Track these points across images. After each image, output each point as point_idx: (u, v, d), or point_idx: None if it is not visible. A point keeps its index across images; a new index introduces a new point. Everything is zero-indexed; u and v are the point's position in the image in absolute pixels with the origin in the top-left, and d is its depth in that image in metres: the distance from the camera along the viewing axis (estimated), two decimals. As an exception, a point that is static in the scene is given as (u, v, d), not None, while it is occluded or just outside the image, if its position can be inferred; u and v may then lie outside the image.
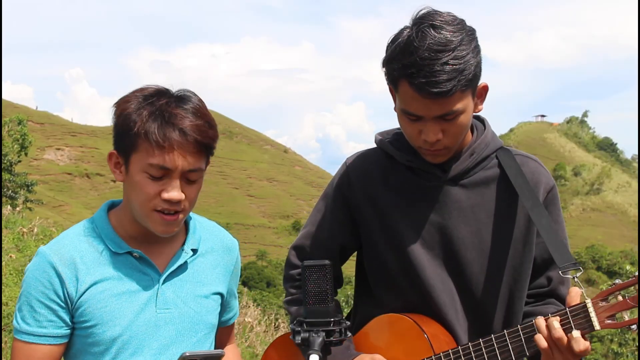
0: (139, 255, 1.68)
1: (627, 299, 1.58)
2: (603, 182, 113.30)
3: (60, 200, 68.74)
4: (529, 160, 1.85)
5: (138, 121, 1.60)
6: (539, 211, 1.77)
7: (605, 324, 1.58)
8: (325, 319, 1.38)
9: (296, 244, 2.00)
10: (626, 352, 24.10)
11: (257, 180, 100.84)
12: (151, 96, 1.64)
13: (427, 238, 1.82)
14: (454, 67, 1.60)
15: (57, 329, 1.64)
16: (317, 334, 1.37)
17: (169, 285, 1.70)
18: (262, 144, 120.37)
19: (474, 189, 1.81)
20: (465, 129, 1.72)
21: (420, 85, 1.60)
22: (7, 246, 9.92)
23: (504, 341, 1.69)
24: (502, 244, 1.80)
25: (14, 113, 31.98)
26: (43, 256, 1.65)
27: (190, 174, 1.62)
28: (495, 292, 1.82)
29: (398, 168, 1.86)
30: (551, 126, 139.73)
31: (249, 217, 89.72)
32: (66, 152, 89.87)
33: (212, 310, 1.78)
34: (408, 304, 1.84)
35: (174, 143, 1.58)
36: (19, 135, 24.46)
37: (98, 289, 1.64)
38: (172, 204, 1.61)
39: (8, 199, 21.32)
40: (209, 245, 1.82)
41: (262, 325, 10.06)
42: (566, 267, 1.70)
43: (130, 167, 1.63)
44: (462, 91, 1.63)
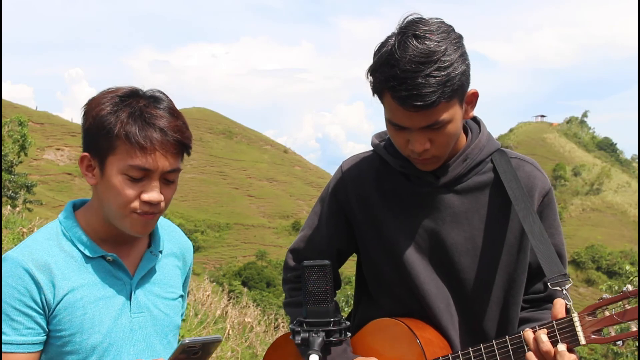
0: (113, 259, 1.65)
1: (613, 315, 1.56)
2: (603, 182, 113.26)
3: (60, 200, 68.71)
4: (525, 163, 1.83)
5: (117, 123, 1.56)
6: (532, 219, 1.75)
7: (590, 339, 1.58)
8: (325, 319, 1.38)
9: (293, 247, 2.01)
10: (626, 352, 24.12)
11: (256, 180, 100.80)
12: (127, 97, 1.61)
13: (420, 244, 1.81)
14: (437, 78, 1.57)
15: (36, 335, 1.58)
16: (317, 334, 1.37)
17: (141, 289, 1.69)
18: (261, 144, 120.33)
19: (467, 195, 1.79)
20: (454, 137, 1.70)
21: (403, 99, 1.58)
22: (7, 246, 9.91)
23: (492, 351, 1.69)
24: (496, 250, 1.79)
25: (14, 113, 31.98)
26: (16, 262, 1.58)
27: (169, 174, 1.61)
28: (490, 297, 1.81)
29: (392, 173, 1.85)
30: (551, 126, 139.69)
31: (248, 217, 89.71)
32: (66, 152, 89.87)
33: (178, 312, 1.79)
34: (405, 308, 1.84)
35: (155, 144, 1.56)
36: (19, 136, 24.45)
37: (76, 296, 1.60)
38: (151, 205, 1.59)
39: (8, 199, 21.31)
40: (169, 247, 1.81)
41: (262, 325, 10.05)
42: (555, 279, 1.69)
43: (106, 170, 1.59)
44: (447, 101, 1.60)
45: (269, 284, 58.74)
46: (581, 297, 69.79)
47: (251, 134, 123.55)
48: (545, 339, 1.58)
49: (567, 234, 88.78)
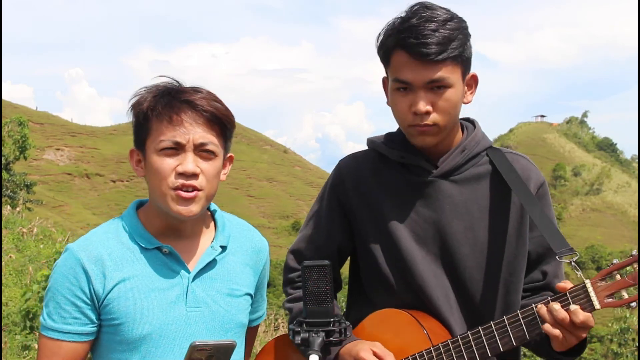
0: (169, 251, 1.67)
1: (625, 278, 1.61)
2: (603, 183, 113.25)
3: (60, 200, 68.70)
4: (519, 157, 1.89)
5: (146, 104, 1.62)
6: (533, 202, 1.80)
7: (605, 302, 1.62)
8: (325, 319, 1.39)
9: (294, 247, 2.01)
10: (626, 353, 24.09)
11: (256, 180, 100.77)
12: (157, 86, 1.68)
13: (420, 233, 1.84)
14: (445, 34, 1.70)
15: (82, 326, 1.63)
16: (317, 334, 1.37)
17: (199, 283, 1.69)
18: (261, 144, 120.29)
19: (465, 185, 1.84)
20: (454, 108, 1.76)
21: (412, 46, 1.69)
22: (7, 246, 9.91)
23: (503, 327, 1.70)
24: (496, 239, 1.83)
25: (14, 113, 31.96)
26: (71, 253, 1.65)
27: (204, 147, 1.62)
28: (490, 286, 1.83)
29: (390, 166, 1.89)
30: (551, 126, 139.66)
31: (248, 217, 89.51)
32: (66, 153, 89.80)
33: (243, 310, 1.77)
34: (401, 303, 1.85)
35: (182, 115, 1.60)
36: (19, 137, 24.41)
37: (127, 286, 1.63)
38: (187, 177, 1.60)
39: (8, 198, 21.30)
40: (239, 244, 1.80)
41: (262, 325, 10.04)
42: (562, 253, 1.73)
43: (147, 154, 1.63)
44: (452, 62, 1.72)
45: (269, 284, 58.45)
46: (581, 297, 69.56)
47: (251, 134, 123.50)
48: (558, 307, 1.62)
49: (567, 234, 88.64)
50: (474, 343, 1.72)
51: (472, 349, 1.72)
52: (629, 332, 24.34)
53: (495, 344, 1.70)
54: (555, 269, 1.86)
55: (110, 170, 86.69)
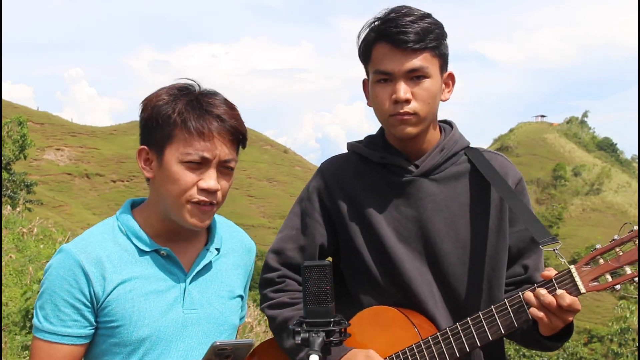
0: (167, 254, 1.66)
1: (608, 261, 1.65)
2: (603, 183, 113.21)
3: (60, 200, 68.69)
4: (497, 156, 1.96)
5: (175, 112, 1.58)
6: (512, 196, 1.85)
7: (590, 286, 1.67)
8: (325, 319, 1.39)
9: (275, 247, 2.00)
10: (626, 353, 24.10)
11: (257, 180, 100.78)
12: (182, 89, 1.64)
13: (403, 232, 1.88)
14: (423, 25, 1.81)
15: (81, 328, 1.61)
16: (317, 334, 1.37)
17: (195, 285, 1.69)
18: (261, 144, 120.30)
19: (446, 183, 1.89)
20: (433, 99, 1.83)
21: (393, 35, 1.78)
22: (7, 246, 9.92)
23: (491, 316, 1.73)
24: (477, 235, 1.87)
25: (14, 113, 31.95)
26: (69, 254, 1.61)
27: (226, 164, 1.62)
28: (474, 281, 1.87)
29: (371, 167, 1.94)
30: (551, 126, 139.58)
31: (248, 217, 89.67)
32: (66, 153, 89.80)
33: (235, 312, 1.78)
34: (388, 301, 1.88)
35: (213, 131, 1.58)
36: (18, 137, 24.42)
37: (125, 288, 1.61)
38: (208, 194, 1.60)
39: (8, 198, 21.30)
40: (230, 246, 1.81)
41: (262, 325, 10.04)
42: (546, 242, 1.77)
43: (164, 159, 1.60)
44: (430, 53, 1.81)
45: (269, 284, 58.65)
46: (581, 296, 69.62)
47: (251, 134, 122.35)
48: (544, 292, 1.67)
49: (567, 234, 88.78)
50: (463, 334, 1.75)
51: (462, 339, 1.75)
52: (629, 332, 24.35)
53: (484, 334, 1.73)
54: (536, 263, 1.92)
55: (110, 170, 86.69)
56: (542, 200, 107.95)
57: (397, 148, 1.92)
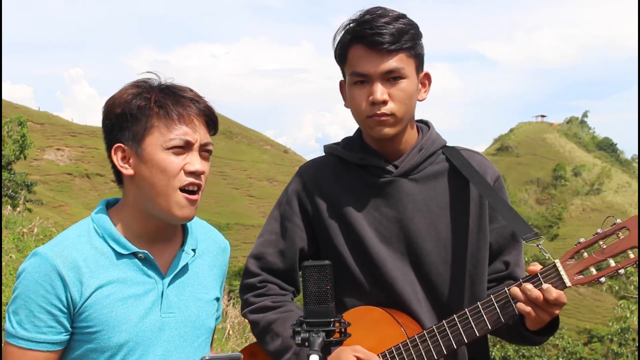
0: (144, 257, 1.63)
1: (592, 255, 1.67)
2: (603, 183, 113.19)
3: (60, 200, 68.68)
4: (474, 154, 1.97)
5: (151, 101, 1.58)
6: (492, 192, 1.87)
7: (575, 279, 1.69)
8: (326, 319, 1.39)
9: (255, 252, 1.99)
10: (626, 353, 24.10)
11: (257, 180, 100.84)
12: (144, 81, 1.63)
13: (384, 232, 1.89)
14: (398, 26, 1.81)
15: (57, 335, 1.56)
16: (317, 334, 1.38)
17: (173, 288, 1.66)
18: (262, 144, 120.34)
19: (425, 183, 1.90)
20: (410, 99, 1.84)
21: (368, 36, 1.79)
22: (7, 246, 9.92)
23: (478, 312, 1.74)
24: (458, 233, 1.89)
25: (14, 113, 31.95)
26: (44, 258, 1.56)
27: (206, 147, 1.63)
28: (456, 280, 1.89)
29: (350, 169, 1.95)
30: (551, 126, 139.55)
31: (249, 217, 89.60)
32: (66, 153, 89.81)
33: (212, 314, 1.76)
34: (372, 301, 1.89)
35: (192, 114, 1.59)
36: (18, 137, 24.43)
37: (103, 293, 1.57)
38: (196, 176, 1.60)
39: (8, 198, 21.30)
40: (205, 246, 1.79)
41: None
42: (528, 237, 1.78)
43: (145, 152, 1.58)
44: (406, 54, 1.82)
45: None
46: (582, 297, 69.74)
47: (251, 134, 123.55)
48: (531, 286, 1.68)
49: (567, 234, 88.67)
50: (449, 331, 1.76)
51: (448, 336, 1.76)
52: (629, 332, 24.34)
53: (471, 330, 1.74)
54: (517, 259, 1.94)
55: (110, 170, 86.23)
56: (542, 200, 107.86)
57: (375, 149, 1.93)
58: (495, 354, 21.63)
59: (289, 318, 1.89)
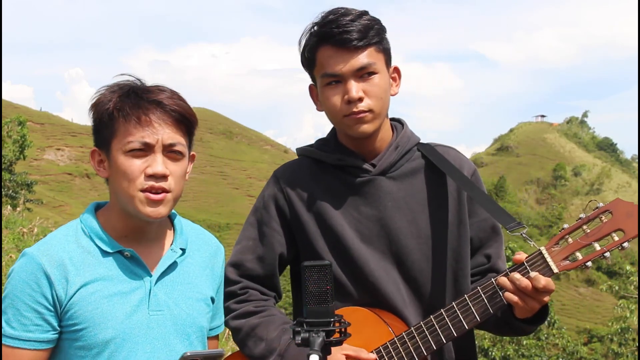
0: (130, 255, 1.64)
1: (577, 240, 1.67)
2: (603, 183, 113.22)
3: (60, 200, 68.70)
4: (449, 149, 1.98)
5: (111, 104, 1.59)
6: (470, 185, 1.87)
7: (562, 265, 1.68)
8: (326, 319, 1.39)
9: (233, 260, 1.97)
10: (626, 352, 24.10)
11: (257, 180, 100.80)
12: (120, 84, 1.65)
13: (365, 232, 1.88)
14: (363, 23, 1.81)
15: (44, 333, 1.57)
16: (317, 334, 1.37)
17: (161, 286, 1.67)
18: (262, 144, 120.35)
19: (403, 180, 1.90)
20: (384, 93, 1.84)
21: (335, 36, 1.78)
22: (7, 246, 9.92)
23: (465, 305, 1.74)
24: (439, 229, 1.89)
25: (14, 113, 31.95)
26: (30, 257, 1.58)
27: (172, 147, 1.60)
28: (439, 275, 1.89)
29: (327, 170, 1.93)
30: (551, 126, 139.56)
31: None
32: (66, 153, 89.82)
33: (203, 313, 1.75)
34: (356, 302, 1.87)
35: (150, 115, 1.57)
36: (18, 137, 24.44)
37: (88, 290, 1.59)
38: (157, 179, 1.58)
39: (8, 198, 21.30)
40: (196, 246, 1.79)
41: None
42: (512, 227, 1.78)
43: (112, 156, 1.60)
44: (374, 49, 1.81)
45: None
46: (581, 297, 69.75)
47: (251, 134, 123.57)
48: (519, 276, 1.68)
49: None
50: (438, 326, 1.75)
51: (437, 332, 1.75)
52: (629, 331, 24.34)
53: (459, 323, 1.74)
54: (498, 251, 1.94)
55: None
56: (542, 200, 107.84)
57: (351, 149, 1.92)
58: (495, 354, 21.62)
59: (271, 322, 1.87)
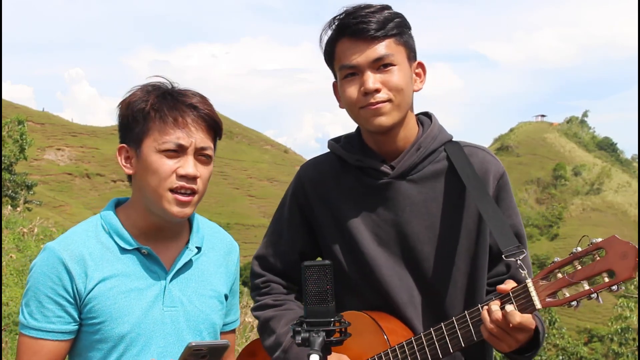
0: (147, 252, 1.69)
1: (565, 276, 1.57)
2: (603, 182, 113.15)
3: (60, 200, 68.70)
4: (477, 150, 1.88)
5: (148, 105, 1.64)
6: (486, 200, 1.79)
7: (545, 302, 1.58)
8: (326, 319, 1.39)
9: (258, 253, 2.02)
10: (626, 352, 24.10)
11: (257, 180, 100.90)
12: (154, 86, 1.70)
13: (382, 236, 1.85)
14: (382, 16, 1.78)
15: (65, 324, 1.64)
16: (317, 334, 1.38)
17: (176, 283, 1.71)
18: (262, 144, 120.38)
19: (424, 184, 1.84)
20: (404, 86, 1.78)
21: (353, 26, 1.76)
22: (8, 246, 9.91)
23: (452, 328, 1.70)
24: (456, 236, 1.83)
25: (14, 113, 31.96)
26: (52, 252, 1.65)
27: (203, 151, 1.66)
28: (454, 284, 1.84)
29: (349, 170, 1.91)
30: (551, 126, 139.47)
31: (249, 217, 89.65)
32: (66, 153, 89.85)
33: (217, 310, 1.79)
34: (367, 304, 1.86)
35: (187, 118, 1.63)
36: (18, 136, 24.43)
37: (107, 286, 1.65)
38: (188, 180, 1.63)
39: (9, 199, 21.30)
40: (212, 245, 1.83)
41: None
42: (509, 251, 1.72)
43: (142, 154, 1.65)
44: (393, 41, 1.77)
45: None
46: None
47: (251, 134, 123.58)
48: (495, 307, 1.60)
49: (568, 233, 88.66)
50: (426, 344, 1.73)
51: (425, 350, 1.72)
52: (629, 331, 24.34)
53: (445, 345, 1.70)
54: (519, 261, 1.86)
55: (110, 170, 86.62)
56: (542, 200, 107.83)
57: (373, 148, 1.88)
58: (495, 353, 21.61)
59: (285, 316, 1.90)
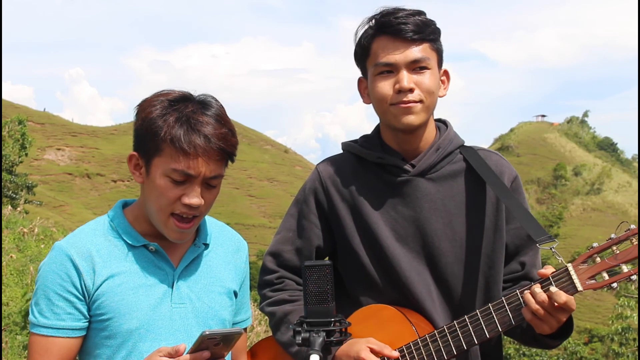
0: (155, 249, 1.70)
1: (605, 260, 1.65)
2: (603, 182, 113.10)
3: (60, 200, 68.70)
4: (491, 154, 1.96)
5: (164, 127, 1.61)
6: (508, 194, 1.86)
7: (587, 284, 1.66)
8: (326, 319, 1.40)
9: (272, 249, 2.02)
10: (627, 352, 24.09)
11: (257, 180, 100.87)
12: (176, 101, 1.65)
13: (401, 232, 1.88)
14: (420, 20, 1.84)
15: (76, 321, 1.65)
16: (317, 334, 1.38)
17: (184, 280, 1.73)
18: (262, 144, 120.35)
19: (442, 182, 1.90)
20: (435, 89, 1.85)
21: (393, 26, 1.81)
22: (8, 246, 9.92)
23: (489, 314, 1.73)
24: (474, 233, 1.88)
25: (14, 113, 31.95)
26: (60, 249, 1.67)
27: (211, 180, 1.65)
28: (471, 280, 1.89)
29: (368, 167, 1.94)
30: (551, 126, 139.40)
31: (249, 217, 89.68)
32: (67, 153, 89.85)
33: (226, 307, 1.80)
34: (386, 299, 1.89)
35: (198, 150, 1.60)
36: (19, 135, 24.42)
37: (115, 282, 1.66)
38: (191, 208, 1.64)
39: (9, 199, 21.29)
40: (220, 242, 1.84)
41: (263, 325, 10.04)
42: (542, 240, 1.78)
43: (151, 170, 1.64)
44: (429, 45, 1.84)
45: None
46: (582, 296, 69.65)
47: (252, 134, 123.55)
48: (539, 289, 1.66)
49: (568, 233, 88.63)
50: (460, 332, 1.76)
51: (459, 337, 1.75)
52: (629, 331, 24.33)
53: (481, 331, 1.74)
54: (533, 259, 1.92)
55: (111, 170, 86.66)
56: (542, 199, 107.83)
57: (393, 147, 1.92)
58: (506, 350, 21.64)
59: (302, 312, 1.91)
